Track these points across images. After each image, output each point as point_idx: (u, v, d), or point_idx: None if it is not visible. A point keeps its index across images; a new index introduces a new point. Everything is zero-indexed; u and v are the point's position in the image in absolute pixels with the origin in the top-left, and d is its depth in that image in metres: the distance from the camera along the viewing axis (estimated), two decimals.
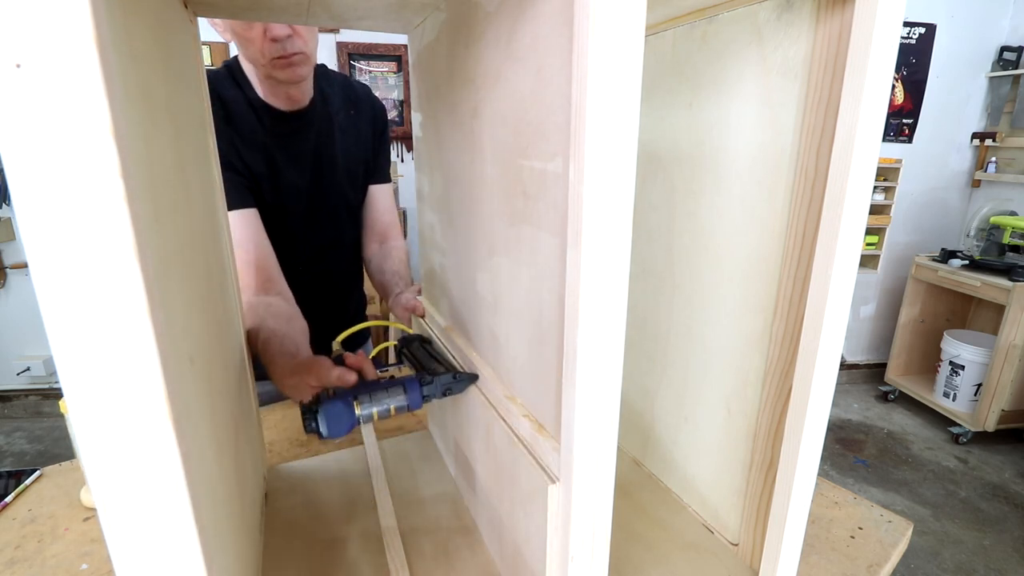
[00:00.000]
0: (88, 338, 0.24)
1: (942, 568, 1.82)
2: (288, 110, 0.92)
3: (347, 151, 1.02)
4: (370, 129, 1.06)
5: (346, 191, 1.04)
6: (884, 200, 2.88)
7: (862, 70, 0.41)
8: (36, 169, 0.22)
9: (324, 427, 0.58)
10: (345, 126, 1.01)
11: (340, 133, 1.00)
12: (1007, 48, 2.88)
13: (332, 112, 0.99)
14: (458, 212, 0.60)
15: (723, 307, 0.59)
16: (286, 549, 0.61)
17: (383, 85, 2.60)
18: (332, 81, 1.02)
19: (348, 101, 1.02)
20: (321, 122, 0.97)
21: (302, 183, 0.96)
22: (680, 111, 0.61)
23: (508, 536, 0.54)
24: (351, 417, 0.59)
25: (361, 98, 1.05)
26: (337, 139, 0.99)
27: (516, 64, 0.41)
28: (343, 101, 1.01)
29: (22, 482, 0.74)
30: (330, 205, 1.01)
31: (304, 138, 0.95)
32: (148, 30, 0.35)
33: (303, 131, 0.94)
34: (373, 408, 0.59)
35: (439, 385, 0.60)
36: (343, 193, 1.03)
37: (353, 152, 1.03)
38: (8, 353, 2.61)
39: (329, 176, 0.99)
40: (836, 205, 0.44)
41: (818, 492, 0.76)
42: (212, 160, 0.62)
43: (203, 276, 0.45)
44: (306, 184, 0.96)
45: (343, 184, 1.03)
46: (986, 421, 2.47)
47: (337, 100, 1.00)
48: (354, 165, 1.04)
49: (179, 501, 0.27)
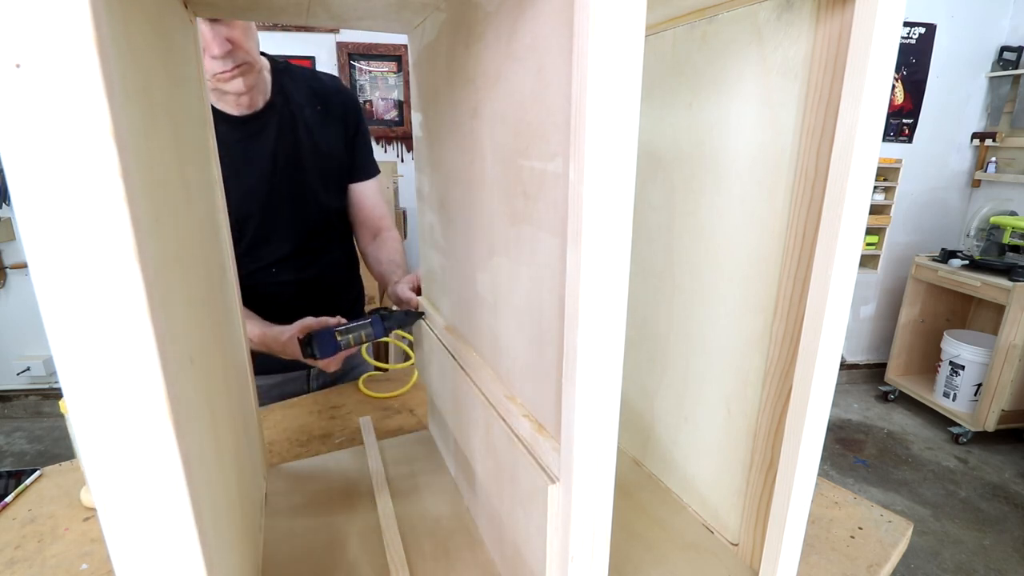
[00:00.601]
0: (88, 338, 0.24)
1: (942, 568, 1.82)
2: (240, 115, 0.92)
3: (316, 149, 0.99)
4: (342, 126, 1.03)
5: (317, 191, 1.01)
6: (884, 200, 2.88)
7: (862, 70, 0.41)
8: (36, 169, 0.22)
9: (317, 350, 0.79)
10: (312, 123, 0.98)
11: (306, 131, 0.98)
12: (1007, 48, 2.88)
13: (295, 110, 0.96)
14: (458, 212, 0.60)
15: (723, 307, 0.59)
16: (286, 549, 0.61)
17: (383, 85, 2.60)
18: (295, 76, 0.99)
19: (315, 97, 1.00)
20: (282, 122, 0.95)
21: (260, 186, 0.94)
22: (680, 111, 0.61)
23: (508, 536, 0.54)
24: (335, 343, 0.79)
25: (330, 92, 1.02)
26: (302, 138, 0.97)
27: (516, 64, 0.41)
28: (308, 97, 0.99)
29: (22, 482, 0.74)
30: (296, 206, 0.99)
31: (260, 141, 0.93)
32: (148, 30, 0.35)
33: (258, 134, 0.93)
34: (349, 336, 0.80)
35: (395, 319, 0.79)
36: (313, 192, 1.01)
37: (324, 150, 1.00)
38: (8, 353, 2.61)
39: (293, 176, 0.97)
40: (836, 205, 0.44)
41: (818, 492, 0.76)
42: (212, 160, 0.62)
43: (203, 276, 0.45)
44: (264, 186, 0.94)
45: (313, 184, 1.00)
46: (986, 421, 2.47)
47: (301, 96, 0.98)
48: (326, 163, 1.01)
49: (179, 501, 0.27)
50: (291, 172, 0.96)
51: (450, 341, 0.66)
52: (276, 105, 0.95)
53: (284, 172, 0.96)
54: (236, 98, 0.90)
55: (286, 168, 0.96)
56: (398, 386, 1.05)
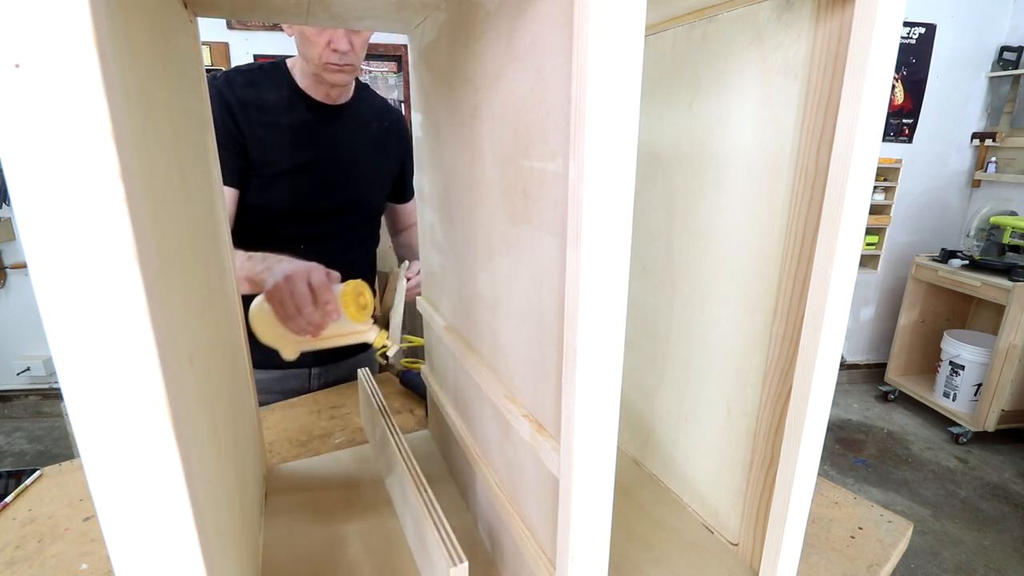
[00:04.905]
0: (88, 339, 0.24)
1: (942, 568, 1.82)
2: (323, 102, 1.02)
3: (376, 158, 1.11)
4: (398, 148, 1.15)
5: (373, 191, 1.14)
6: (884, 200, 2.88)
7: (862, 70, 0.41)
8: (35, 170, 0.22)
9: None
10: (375, 136, 1.11)
11: (368, 138, 1.09)
12: (1007, 48, 2.88)
13: (364, 120, 1.09)
14: (458, 212, 0.60)
15: (723, 307, 0.59)
16: (286, 549, 0.61)
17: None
18: (371, 97, 1.14)
19: (381, 116, 1.13)
20: (351, 123, 1.06)
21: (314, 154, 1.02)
22: (680, 111, 0.61)
23: (508, 536, 0.54)
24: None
25: (395, 116, 1.17)
26: (364, 142, 1.09)
27: (516, 64, 0.41)
28: (376, 115, 1.12)
29: (22, 482, 0.74)
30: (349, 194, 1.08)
31: (331, 129, 1.04)
32: (148, 30, 0.35)
33: (332, 123, 1.04)
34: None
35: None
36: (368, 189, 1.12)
37: (382, 162, 1.13)
38: (8, 353, 2.61)
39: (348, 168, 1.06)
40: (836, 205, 0.44)
41: (818, 492, 0.76)
42: (212, 160, 0.62)
43: (203, 276, 0.45)
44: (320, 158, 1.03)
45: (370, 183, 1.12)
46: (986, 421, 2.47)
47: (370, 112, 1.11)
48: (382, 175, 1.15)
49: (179, 501, 0.27)
50: (352, 165, 1.07)
51: (450, 341, 0.66)
52: (353, 107, 1.07)
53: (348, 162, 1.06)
54: (328, 88, 1.00)
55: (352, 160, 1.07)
56: (390, 389, 1.05)
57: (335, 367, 1.14)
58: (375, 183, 1.14)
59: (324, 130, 1.03)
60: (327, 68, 0.94)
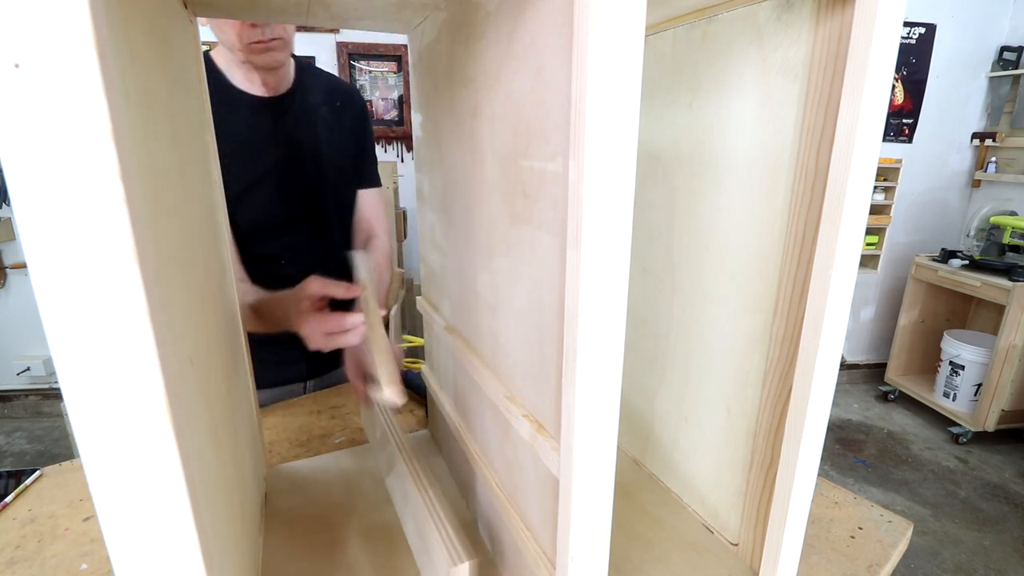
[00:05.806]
0: (88, 340, 0.24)
1: (942, 568, 1.82)
2: (263, 96, 0.92)
3: (332, 144, 0.99)
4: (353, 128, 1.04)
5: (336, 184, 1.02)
6: (884, 200, 2.88)
7: (862, 70, 0.41)
8: (35, 170, 0.22)
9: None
10: (329, 120, 0.99)
11: (323, 125, 0.98)
12: (1007, 48, 2.88)
13: (313, 104, 0.97)
14: (458, 212, 0.60)
15: (723, 307, 0.59)
16: (286, 549, 0.61)
17: (383, 85, 2.60)
18: (315, 75, 1.00)
19: (331, 94, 1.00)
20: (300, 111, 0.95)
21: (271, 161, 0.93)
22: (680, 111, 0.61)
23: (508, 536, 0.54)
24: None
25: (346, 93, 1.04)
26: (320, 131, 0.97)
27: (516, 64, 0.41)
28: (326, 95, 0.99)
29: (22, 482, 0.74)
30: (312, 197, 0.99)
31: (279, 124, 0.94)
32: (147, 30, 0.35)
33: (279, 118, 0.94)
34: None
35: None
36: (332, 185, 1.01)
37: (339, 147, 1.01)
38: (8, 353, 2.61)
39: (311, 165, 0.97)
40: (836, 205, 0.44)
41: (818, 492, 0.76)
42: (212, 160, 0.62)
43: (203, 276, 0.45)
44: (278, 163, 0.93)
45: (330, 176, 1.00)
46: (986, 421, 2.47)
47: (319, 93, 0.98)
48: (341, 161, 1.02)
49: (179, 502, 0.27)
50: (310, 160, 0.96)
51: (450, 341, 0.66)
52: (296, 94, 0.95)
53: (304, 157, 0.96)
54: (263, 75, 0.89)
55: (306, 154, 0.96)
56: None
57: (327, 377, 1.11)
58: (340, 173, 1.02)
59: (271, 130, 0.92)
60: (252, 49, 0.82)
